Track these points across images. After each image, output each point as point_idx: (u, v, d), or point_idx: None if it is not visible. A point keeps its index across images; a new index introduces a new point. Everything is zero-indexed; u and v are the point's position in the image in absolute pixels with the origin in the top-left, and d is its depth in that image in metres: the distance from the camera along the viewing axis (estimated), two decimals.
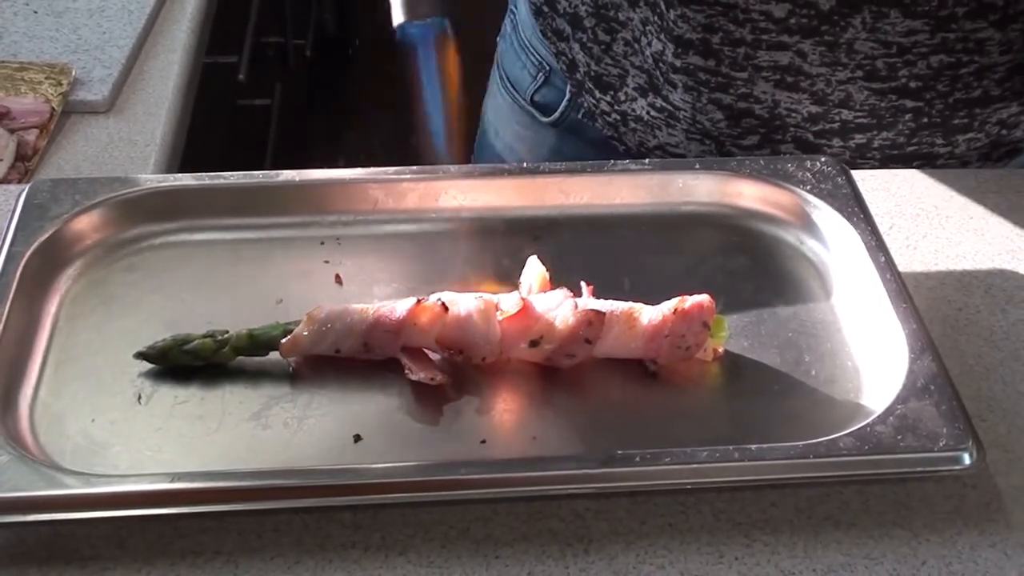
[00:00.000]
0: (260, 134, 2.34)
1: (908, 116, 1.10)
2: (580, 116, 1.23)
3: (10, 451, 0.77)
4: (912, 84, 1.08)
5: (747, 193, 1.01)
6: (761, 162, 1.02)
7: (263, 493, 0.77)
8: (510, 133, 1.32)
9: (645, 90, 1.15)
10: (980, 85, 1.09)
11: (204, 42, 1.54)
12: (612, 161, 1.02)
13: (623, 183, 1.01)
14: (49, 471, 0.77)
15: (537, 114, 1.28)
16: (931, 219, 1.05)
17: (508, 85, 1.31)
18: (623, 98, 1.17)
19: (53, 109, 1.28)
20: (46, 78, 1.33)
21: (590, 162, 1.03)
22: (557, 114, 1.26)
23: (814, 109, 1.10)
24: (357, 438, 0.82)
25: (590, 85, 1.19)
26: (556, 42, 1.22)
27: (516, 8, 1.31)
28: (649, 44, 1.11)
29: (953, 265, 1.00)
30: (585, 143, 1.24)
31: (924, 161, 1.14)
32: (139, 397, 0.84)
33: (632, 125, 1.18)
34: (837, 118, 1.11)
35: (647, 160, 1.03)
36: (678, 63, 1.10)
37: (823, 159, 1.02)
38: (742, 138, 1.14)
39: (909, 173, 1.11)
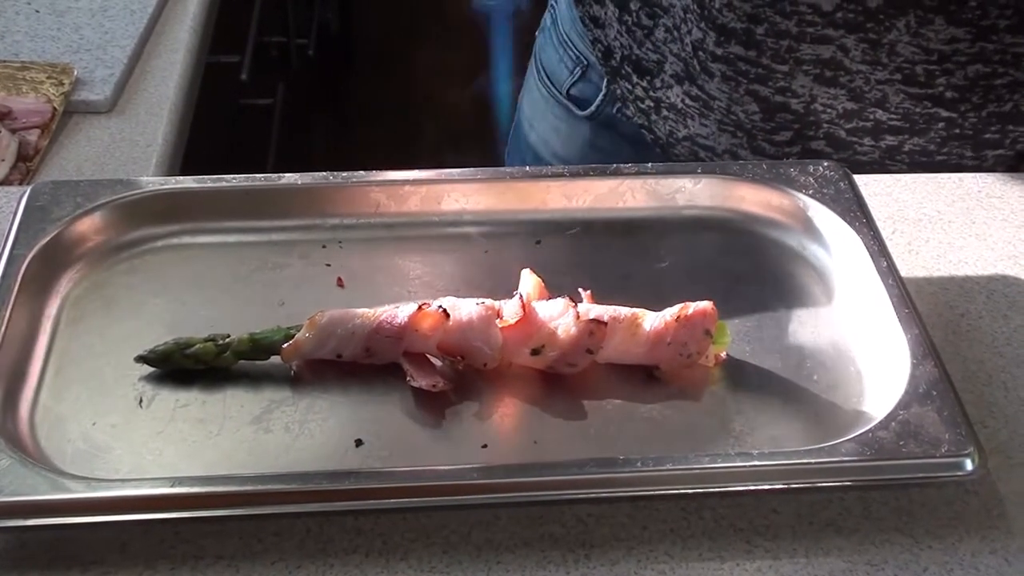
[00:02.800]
0: (262, 133, 2.34)
1: (941, 125, 1.11)
2: (615, 111, 1.24)
3: (11, 455, 0.77)
4: (948, 94, 1.09)
5: (749, 197, 1.01)
6: (763, 166, 1.02)
7: (264, 497, 0.77)
8: (545, 126, 1.33)
9: (681, 78, 1.15)
10: (1011, 99, 1.09)
11: (207, 42, 1.54)
12: (614, 165, 1.02)
13: (625, 187, 1.01)
14: (50, 475, 0.77)
15: (573, 107, 1.29)
16: (933, 224, 1.05)
17: (545, 78, 1.32)
18: (659, 84, 1.18)
19: (55, 109, 1.28)
20: (48, 78, 1.33)
21: (592, 166, 1.03)
22: (593, 108, 1.27)
23: (850, 106, 1.11)
24: (359, 442, 0.82)
25: (628, 70, 1.20)
26: (593, 29, 1.23)
27: (556, 3, 1.32)
28: (689, 32, 1.11)
29: (955, 270, 1.00)
30: (619, 137, 1.25)
31: (951, 173, 1.14)
32: (140, 400, 0.84)
33: (665, 113, 1.19)
34: (871, 117, 1.11)
35: (649, 164, 1.03)
36: (719, 51, 1.10)
37: (826, 163, 1.02)
38: (775, 133, 1.14)
39: (911, 178, 1.11)
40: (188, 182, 1.00)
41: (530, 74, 1.37)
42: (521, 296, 0.86)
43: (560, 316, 0.85)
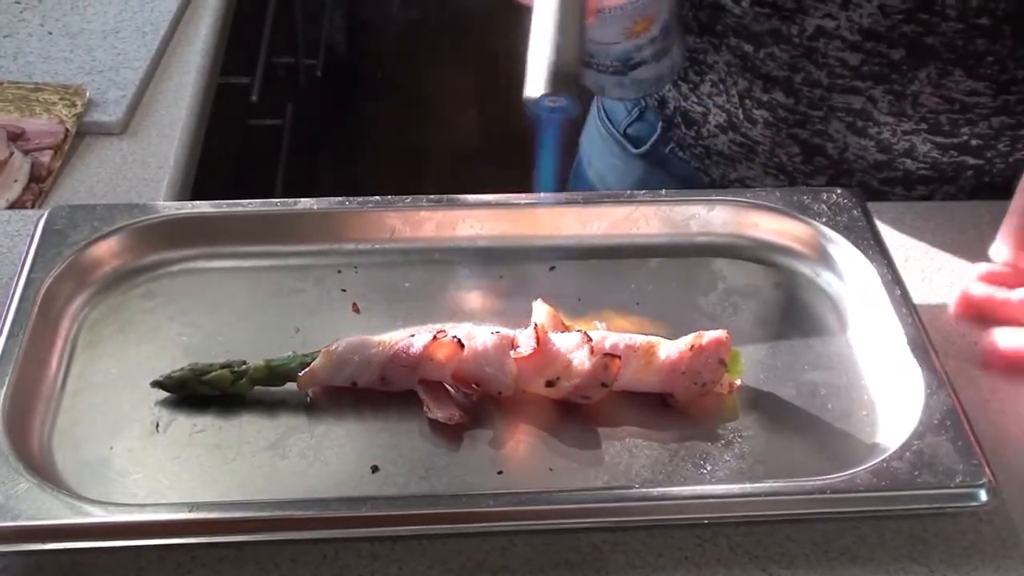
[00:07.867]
0: (272, 154, 2.34)
1: (970, 173, 1.14)
2: (667, 150, 1.28)
3: (28, 479, 0.77)
4: (973, 142, 1.12)
5: (763, 225, 1.01)
6: (777, 194, 1.02)
7: (281, 523, 0.77)
8: (603, 163, 1.37)
9: (725, 128, 1.19)
10: None
11: (217, 63, 1.54)
12: (629, 192, 1.03)
13: (640, 213, 1.01)
14: (67, 499, 0.77)
15: (628, 146, 1.33)
16: (947, 251, 1.06)
17: (605, 118, 1.36)
18: (706, 134, 1.22)
19: (67, 130, 1.29)
20: (60, 99, 1.33)
21: (607, 192, 1.04)
22: (647, 147, 1.30)
23: (880, 157, 1.14)
24: (374, 469, 0.82)
25: (679, 120, 1.24)
26: None
27: None
28: (735, 83, 1.15)
29: None
30: (669, 176, 1.29)
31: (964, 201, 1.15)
32: (157, 425, 0.85)
33: (715, 158, 1.23)
34: (901, 167, 1.15)
35: (663, 191, 1.03)
36: (764, 98, 1.14)
37: (839, 191, 1.02)
38: (813, 176, 1.18)
39: (924, 205, 1.11)
40: (204, 207, 1.00)
41: (591, 114, 1.41)
42: (536, 327, 0.86)
43: (575, 349, 0.85)
